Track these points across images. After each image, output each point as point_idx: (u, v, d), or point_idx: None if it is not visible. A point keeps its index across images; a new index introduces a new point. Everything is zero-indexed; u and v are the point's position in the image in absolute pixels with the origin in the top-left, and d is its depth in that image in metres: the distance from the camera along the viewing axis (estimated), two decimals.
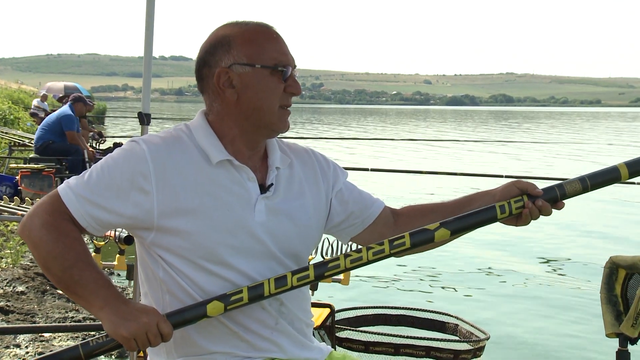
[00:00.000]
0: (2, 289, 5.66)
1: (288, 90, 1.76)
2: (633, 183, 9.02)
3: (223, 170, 1.74)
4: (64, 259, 1.63)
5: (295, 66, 1.79)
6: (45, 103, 22.82)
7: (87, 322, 4.95)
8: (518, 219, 1.78)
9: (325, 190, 1.89)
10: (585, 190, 1.77)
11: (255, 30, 1.77)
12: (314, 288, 3.38)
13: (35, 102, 24.24)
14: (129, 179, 1.67)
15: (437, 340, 3.25)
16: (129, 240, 3.22)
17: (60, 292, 5.85)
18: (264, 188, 1.77)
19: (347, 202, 1.92)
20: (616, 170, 1.77)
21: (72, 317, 5.09)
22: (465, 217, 1.74)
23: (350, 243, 3.53)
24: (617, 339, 2.31)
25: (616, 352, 2.31)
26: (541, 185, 1.82)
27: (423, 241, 1.72)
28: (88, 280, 1.63)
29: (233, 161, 1.74)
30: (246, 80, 1.73)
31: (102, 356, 4.54)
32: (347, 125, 49.87)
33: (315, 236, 1.88)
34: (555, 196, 1.76)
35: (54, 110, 12.70)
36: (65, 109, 10.32)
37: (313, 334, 1.92)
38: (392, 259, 1.80)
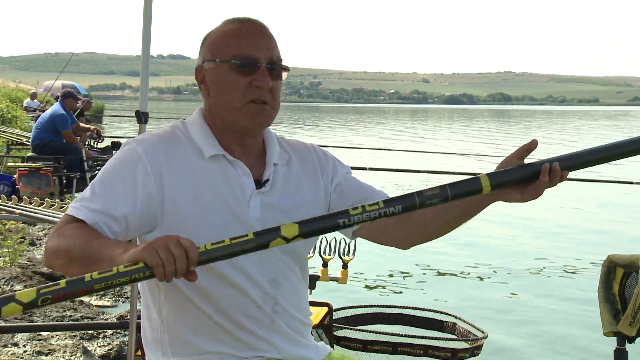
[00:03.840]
0: (0, 287, 5.66)
1: (253, 83, 1.72)
2: (631, 182, 9.04)
3: (217, 165, 1.74)
4: (80, 242, 1.56)
5: (268, 59, 1.73)
6: (35, 101, 22.83)
7: (85, 321, 4.95)
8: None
9: (324, 186, 1.88)
10: (445, 201, 1.58)
11: (230, 27, 1.77)
12: (312, 287, 3.38)
13: (25, 103, 24.24)
14: (131, 184, 1.67)
15: (435, 339, 3.25)
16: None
17: None
18: (260, 184, 1.77)
19: (346, 195, 1.90)
20: (478, 181, 1.60)
21: (70, 316, 5.08)
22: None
23: (351, 241, 3.52)
24: (615, 338, 2.32)
25: (614, 350, 2.32)
26: None
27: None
28: (107, 245, 1.54)
29: (227, 156, 1.75)
30: (211, 76, 1.75)
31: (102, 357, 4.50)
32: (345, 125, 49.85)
33: None
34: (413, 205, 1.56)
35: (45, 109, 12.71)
36: (57, 107, 10.28)
37: (311, 332, 1.92)
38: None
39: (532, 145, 1.65)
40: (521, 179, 1.64)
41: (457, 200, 1.65)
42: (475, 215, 1.81)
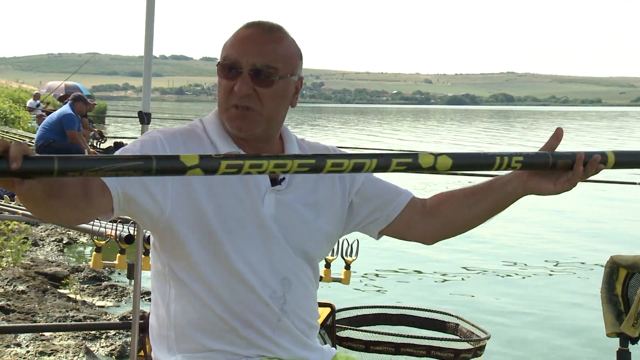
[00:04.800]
0: (3, 288, 5.67)
1: (234, 88, 1.72)
2: (634, 183, 9.04)
3: None
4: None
5: (251, 66, 1.71)
6: (38, 101, 22.89)
7: (88, 322, 4.96)
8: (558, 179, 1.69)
9: (341, 191, 1.87)
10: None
11: (236, 31, 1.79)
12: None
13: (28, 103, 24.26)
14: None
15: (438, 339, 3.25)
16: (129, 239, 3.22)
17: (61, 291, 5.85)
18: (276, 182, 1.78)
19: (370, 198, 1.89)
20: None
21: (73, 317, 5.09)
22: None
23: (354, 241, 3.52)
24: (618, 339, 2.32)
25: (617, 351, 2.32)
26: None
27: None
28: None
29: (241, 153, 1.76)
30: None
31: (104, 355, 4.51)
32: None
33: (328, 238, 1.86)
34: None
35: (52, 110, 12.72)
36: (65, 108, 10.32)
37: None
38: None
39: (558, 134, 1.67)
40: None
41: (490, 193, 1.79)
42: (503, 209, 1.82)
